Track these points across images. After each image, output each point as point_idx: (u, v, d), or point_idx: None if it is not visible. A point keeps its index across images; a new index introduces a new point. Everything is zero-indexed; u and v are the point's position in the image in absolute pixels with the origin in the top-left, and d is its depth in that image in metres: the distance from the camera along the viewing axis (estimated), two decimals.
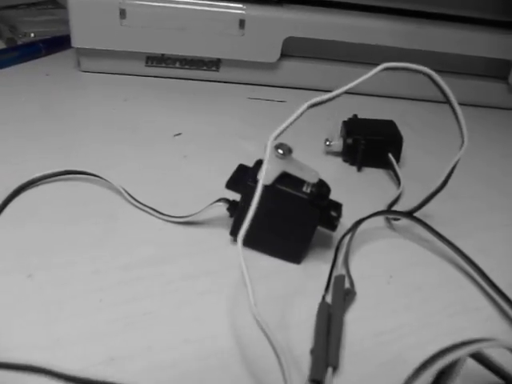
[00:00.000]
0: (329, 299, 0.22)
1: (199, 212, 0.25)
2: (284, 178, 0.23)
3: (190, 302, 0.21)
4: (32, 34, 0.51)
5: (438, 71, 0.46)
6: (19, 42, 0.49)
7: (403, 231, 0.28)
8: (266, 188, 0.22)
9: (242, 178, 0.24)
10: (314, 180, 0.23)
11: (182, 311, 0.21)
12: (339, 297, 0.22)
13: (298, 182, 0.23)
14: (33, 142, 0.32)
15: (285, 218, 0.24)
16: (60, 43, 0.50)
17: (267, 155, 0.22)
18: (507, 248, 0.28)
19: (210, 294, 0.22)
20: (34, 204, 0.27)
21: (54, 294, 0.21)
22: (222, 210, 0.25)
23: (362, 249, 0.26)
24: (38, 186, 0.28)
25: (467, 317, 0.22)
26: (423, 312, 0.22)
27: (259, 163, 0.24)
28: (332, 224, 0.24)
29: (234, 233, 0.25)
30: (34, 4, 0.64)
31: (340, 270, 0.24)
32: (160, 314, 0.21)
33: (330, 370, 0.19)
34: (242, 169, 0.25)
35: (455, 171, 0.25)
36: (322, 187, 0.24)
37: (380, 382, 0.19)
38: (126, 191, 0.27)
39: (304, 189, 0.23)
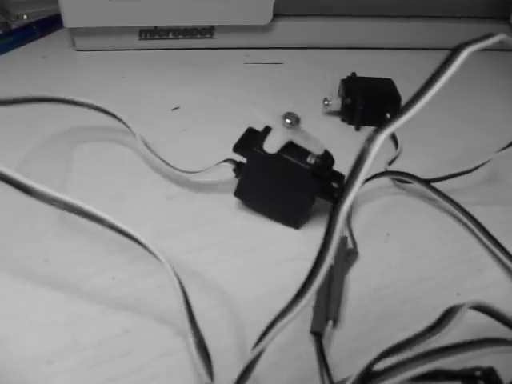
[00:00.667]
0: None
1: (207, 169, 0.26)
2: (290, 146, 0.24)
3: (198, 272, 0.22)
4: (25, 16, 0.51)
5: (438, 17, 0.45)
6: (13, 26, 0.49)
7: (403, 190, 0.28)
8: (270, 155, 0.23)
9: (250, 142, 0.24)
10: (319, 152, 0.24)
11: (192, 281, 0.22)
12: (341, 257, 0.23)
13: (304, 152, 0.24)
14: (39, 123, 0.33)
15: (287, 186, 0.24)
16: (53, 23, 0.49)
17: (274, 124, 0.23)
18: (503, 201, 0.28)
19: (217, 264, 0.23)
20: None
21: (70, 276, 0.22)
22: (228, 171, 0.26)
23: (362, 208, 0.27)
24: None
25: (462, 268, 0.23)
26: (418, 267, 0.23)
27: (267, 130, 0.24)
28: (332, 195, 0.24)
29: (238, 194, 0.25)
30: None
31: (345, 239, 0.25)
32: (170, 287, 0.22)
33: (330, 323, 0.20)
34: (250, 132, 0.26)
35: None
36: (326, 159, 0.24)
37: (377, 335, 0.20)
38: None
39: (308, 159, 0.24)
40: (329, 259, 0.14)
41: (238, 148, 0.25)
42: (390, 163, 0.29)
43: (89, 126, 0.33)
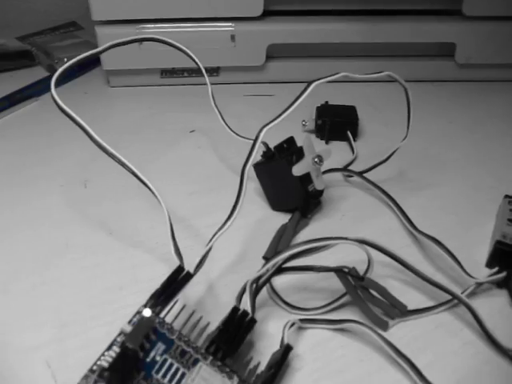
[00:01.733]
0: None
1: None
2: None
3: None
4: (65, 59, 0.62)
5: (394, 56, 0.57)
6: (56, 68, 0.61)
7: (354, 184, 0.39)
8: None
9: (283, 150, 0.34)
10: (319, 188, 0.33)
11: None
12: (294, 222, 0.33)
13: (309, 180, 0.33)
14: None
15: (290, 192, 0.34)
16: (89, 65, 0.61)
17: (307, 150, 0.33)
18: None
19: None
20: None
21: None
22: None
23: (324, 195, 0.37)
24: None
25: (384, 235, 0.33)
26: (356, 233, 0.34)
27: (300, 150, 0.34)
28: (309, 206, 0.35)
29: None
30: (56, 28, 0.75)
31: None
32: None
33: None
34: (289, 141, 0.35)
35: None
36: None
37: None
38: None
39: (309, 187, 0.33)
40: (240, 203, 0.26)
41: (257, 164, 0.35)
42: (347, 166, 0.40)
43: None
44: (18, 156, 0.43)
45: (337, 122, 0.43)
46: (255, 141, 0.29)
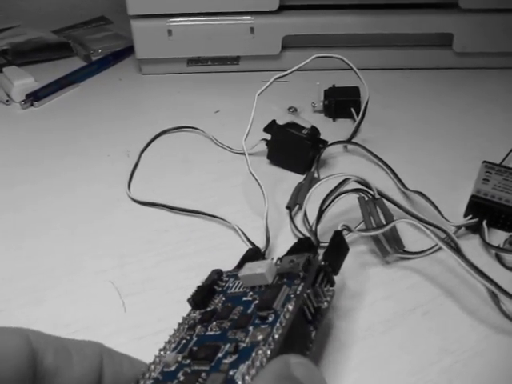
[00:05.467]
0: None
1: (254, 147, 0.43)
2: (292, 125, 0.41)
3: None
4: (99, 50, 0.69)
5: (397, 46, 0.62)
6: (93, 58, 0.68)
7: (352, 152, 0.46)
8: (283, 130, 0.40)
9: (270, 126, 0.42)
10: (307, 126, 0.41)
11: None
12: (308, 179, 0.40)
13: (300, 128, 0.42)
14: (133, 122, 0.51)
15: (293, 148, 0.41)
16: (121, 55, 0.68)
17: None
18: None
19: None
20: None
21: None
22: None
23: (329, 161, 0.44)
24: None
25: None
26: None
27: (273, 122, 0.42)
28: (318, 150, 0.42)
29: (269, 156, 0.44)
30: (87, 22, 0.82)
31: (313, 171, 0.42)
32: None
33: (297, 206, 0.37)
34: (271, 123, 0.43)
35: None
36: (314, 130, 0.42)
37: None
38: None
39: (304, 131, 0.41)
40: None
41: (266, 129, 0.42)
42: (351, 138, 0.47)
43: None
44: (69, 131, 0.50)
45: (341, 101, 0.50)
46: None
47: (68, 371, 0.18)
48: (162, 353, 0.23)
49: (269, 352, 0.19)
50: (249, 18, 0.58)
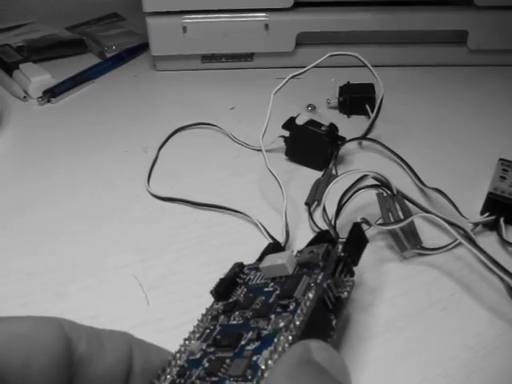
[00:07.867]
0: None
1: (271, 143, 0.44)
2: (311, 123, 0.42)
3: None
4: (113, 47, 0.70)
5: (412, 43, 0.62)
6: (107, 55, 0.68)
7: (367, 148, 0.46)
8: (302, 127, 0.40)
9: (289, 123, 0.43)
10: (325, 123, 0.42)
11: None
12: (326, 175, 0.40)
13: (319, 125, 0.42)
14: (149, 118, 0.52)
15: (312, 144, 0.42)
16: (136, 51, 0.69)
17: None
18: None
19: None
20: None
21: None
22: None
23: (346, 157, 0.44)
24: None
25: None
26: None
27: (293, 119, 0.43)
28: (337, 146, 0.43)
29: (287, 153, 0.44)
30: (100, 19, 0.83)
31: (332, 167, 0.42)
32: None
33: (316, 202, 0.37)
34: (290, 120, 0.44)
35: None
36: (332, 127, 0.42)
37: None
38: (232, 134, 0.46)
39: (322, 128, 0.42)
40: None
41: (284, 126, 0.43)
42: (366, 134, 0.47)
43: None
44: (87, 127, 0.50)
45: (356, 98, 0.50)
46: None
47: (101, 359, 0.19)
48: (186, 342, 0.23)
49: (290, 338, 0.20)
50: (263, 14, 0.58)
